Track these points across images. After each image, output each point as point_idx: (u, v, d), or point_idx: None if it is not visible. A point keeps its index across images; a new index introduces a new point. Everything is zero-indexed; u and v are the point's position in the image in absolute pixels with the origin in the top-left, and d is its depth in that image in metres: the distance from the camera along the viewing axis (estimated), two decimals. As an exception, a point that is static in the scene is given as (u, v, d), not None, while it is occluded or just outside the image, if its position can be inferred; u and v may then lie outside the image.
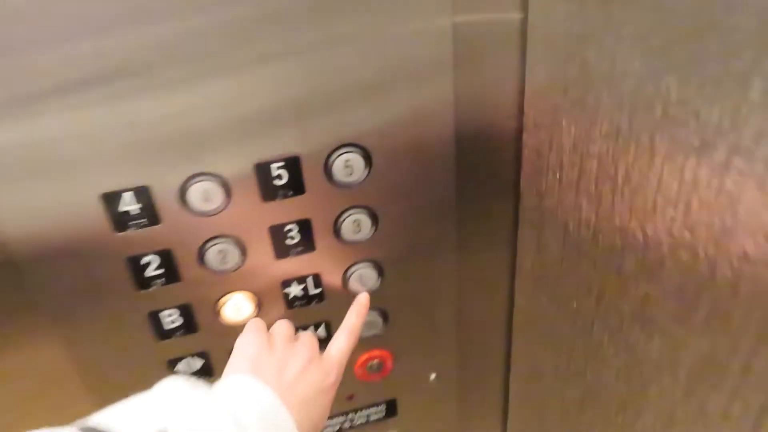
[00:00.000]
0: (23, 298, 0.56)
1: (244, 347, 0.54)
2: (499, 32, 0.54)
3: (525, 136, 0.58)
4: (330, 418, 0.76)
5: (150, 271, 0.57)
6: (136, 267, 0.56)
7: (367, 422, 0.79)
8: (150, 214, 0.54)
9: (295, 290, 0.63)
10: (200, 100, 0.50)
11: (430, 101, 0.55)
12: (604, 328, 0.53)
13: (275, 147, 0.54)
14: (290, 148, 0.54)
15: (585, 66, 0.45)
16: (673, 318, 0.43)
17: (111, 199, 0.52)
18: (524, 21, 0.53)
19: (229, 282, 0.60)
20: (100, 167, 0.51)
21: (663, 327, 0.44)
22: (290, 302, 0.64)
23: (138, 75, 0.47)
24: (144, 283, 0.58)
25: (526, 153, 0.59)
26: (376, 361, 0.73)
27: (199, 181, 0.53)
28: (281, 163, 0.54)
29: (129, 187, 0.52)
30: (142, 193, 0.53)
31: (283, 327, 0.58)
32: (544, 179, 0.57)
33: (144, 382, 0.66)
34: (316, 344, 0.57)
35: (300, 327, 0.67)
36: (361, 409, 0.77)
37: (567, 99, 0.50)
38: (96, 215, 0.53)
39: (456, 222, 0.64)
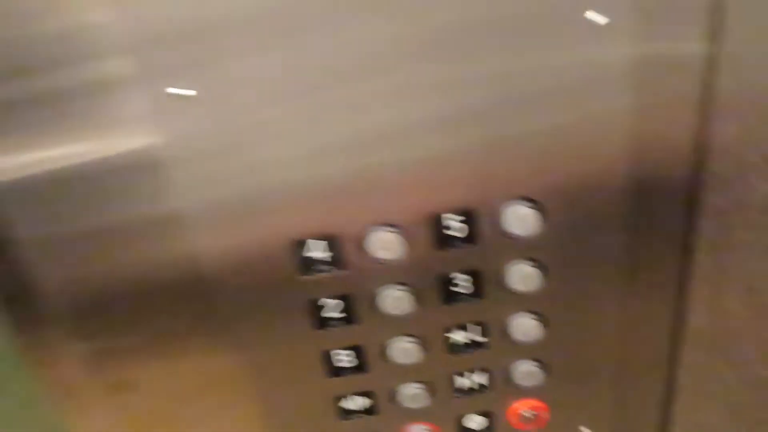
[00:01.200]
0: (214, 323, 0.61)
1: None
2: (683, 72, 0.53)
3: (707, 190, 0.56)
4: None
5: (328, 313, 0.61)
6: (316, 308, 0.60)
7: (516, 473, 0.78)
8: (334, 260, 0.58)
9: (458, 336, 0.65)
10: (389, 154, 0.53)
11: (606, 153, 0.55)
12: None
13: (451, 199, 0.56)
14: (465, 201, 0.56)
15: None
16: None
17: (300, 245, 0.56)
18: (713, 65, 0.52)
19: (398, 326, 0.63)
20: (292, 216, 0.55)
21: None
22: (452, 348, 0.66)
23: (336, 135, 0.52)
24: (322, 323, 0.61)
25: (707, 207, 0.57)
26: (531, 411, 0.72)
27: (380, 231, 0.56)
28: (456, 216, 0.57)
29: (317, 234, 0.56)
30: (329, 241, 0.57)
31: None
32: (724, 236, 0.55)
33: (310, 414, 0.70)
34: None
35: (458, 372, 0.68)
36: (511, 459, 0.77)
37: (758, 155, 0.48)
38: (285, 258, 0.57)
39: (622, 274, 0.63)
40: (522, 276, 0.61)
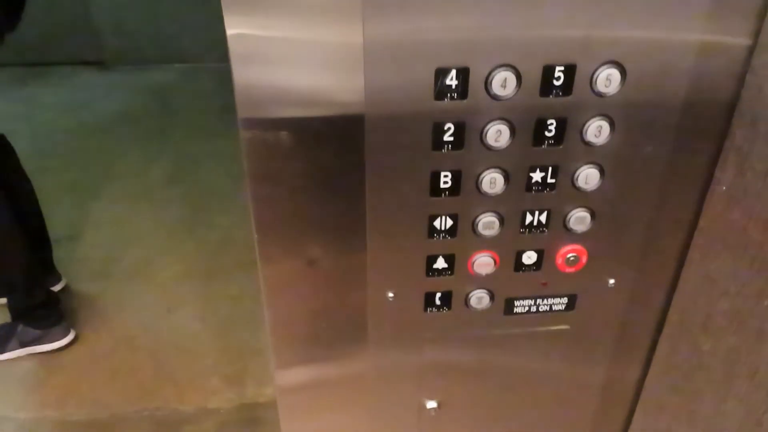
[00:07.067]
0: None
1: None
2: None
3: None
4: (522, 299, 0.94)
5: (446, 137, 0.77)
6: (438, 131, 0.77)
7: (550, 311, 0.96)
8: (462, 90, 0.74)
9: (536, 176, 0.82)
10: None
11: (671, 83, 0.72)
12: None
13: (560, 53, 0.73)
14: (570, 57, 0.73)
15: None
16: None
17: (441, 73, 0.73)
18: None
19: (493, 158, 0.80)
20: (435, 47, 0.71)
21: None
22: (528, 186, 0.83)
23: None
24: (438, 145, 0.78)
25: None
26: (574, 255, 0.90)
27: (502, 71, 0.73)
28: (561, 68, 0.73)
29: (455, 66, 0.72)
30: (463, 73, 0.73)
31: None
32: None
33: (411, 227, 0.86)
34: None
35: (527, 210, 0.85)
36: (548, 297, 0.95)
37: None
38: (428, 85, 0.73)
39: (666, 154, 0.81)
40: (596, 128, 0.78)
